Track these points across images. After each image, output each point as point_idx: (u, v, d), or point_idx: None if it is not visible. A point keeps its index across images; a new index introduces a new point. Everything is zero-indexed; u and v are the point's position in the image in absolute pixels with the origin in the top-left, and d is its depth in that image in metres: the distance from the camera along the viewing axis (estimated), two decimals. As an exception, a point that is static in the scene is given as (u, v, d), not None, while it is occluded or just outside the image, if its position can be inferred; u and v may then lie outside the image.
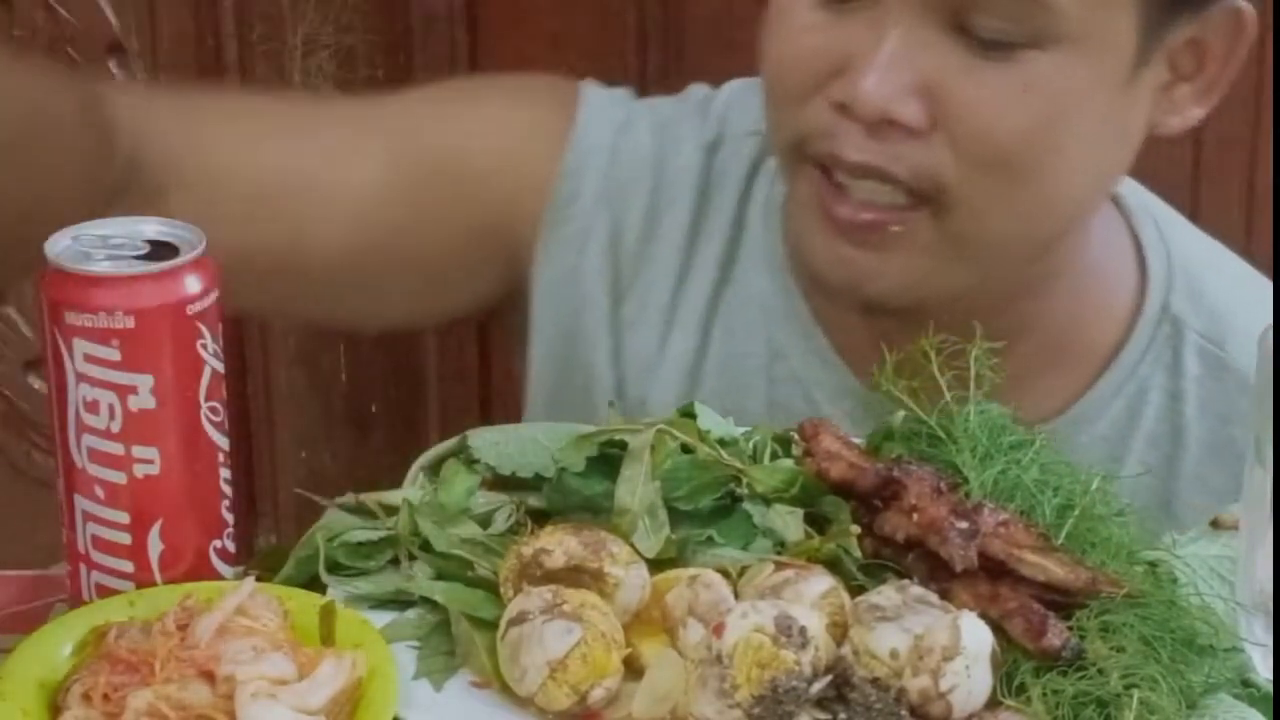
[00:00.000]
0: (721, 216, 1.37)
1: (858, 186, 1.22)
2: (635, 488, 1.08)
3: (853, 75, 1.18)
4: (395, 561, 1.07)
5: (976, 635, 0.96)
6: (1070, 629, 0.98)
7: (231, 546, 1.08)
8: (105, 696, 0.96)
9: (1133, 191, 1.39)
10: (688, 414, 1.14)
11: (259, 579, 1.06)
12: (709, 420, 1.14)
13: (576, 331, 1.39)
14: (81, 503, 1.04)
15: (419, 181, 1.35)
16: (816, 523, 1.09)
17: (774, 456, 1.14)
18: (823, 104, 1.20)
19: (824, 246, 1.24)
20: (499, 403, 1.92)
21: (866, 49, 1.18)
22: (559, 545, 1.03)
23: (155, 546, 1.04)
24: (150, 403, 1.02)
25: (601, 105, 1.40)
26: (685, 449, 1.11)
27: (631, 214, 1.38)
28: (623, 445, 1.10)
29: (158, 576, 1.04)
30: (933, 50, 1.18)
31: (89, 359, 1.02)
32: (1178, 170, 1.86)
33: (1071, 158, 1.23)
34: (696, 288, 1.37)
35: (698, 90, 1.43)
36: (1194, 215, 1.85)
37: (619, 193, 1.38)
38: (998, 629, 0.98)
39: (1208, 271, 1.38)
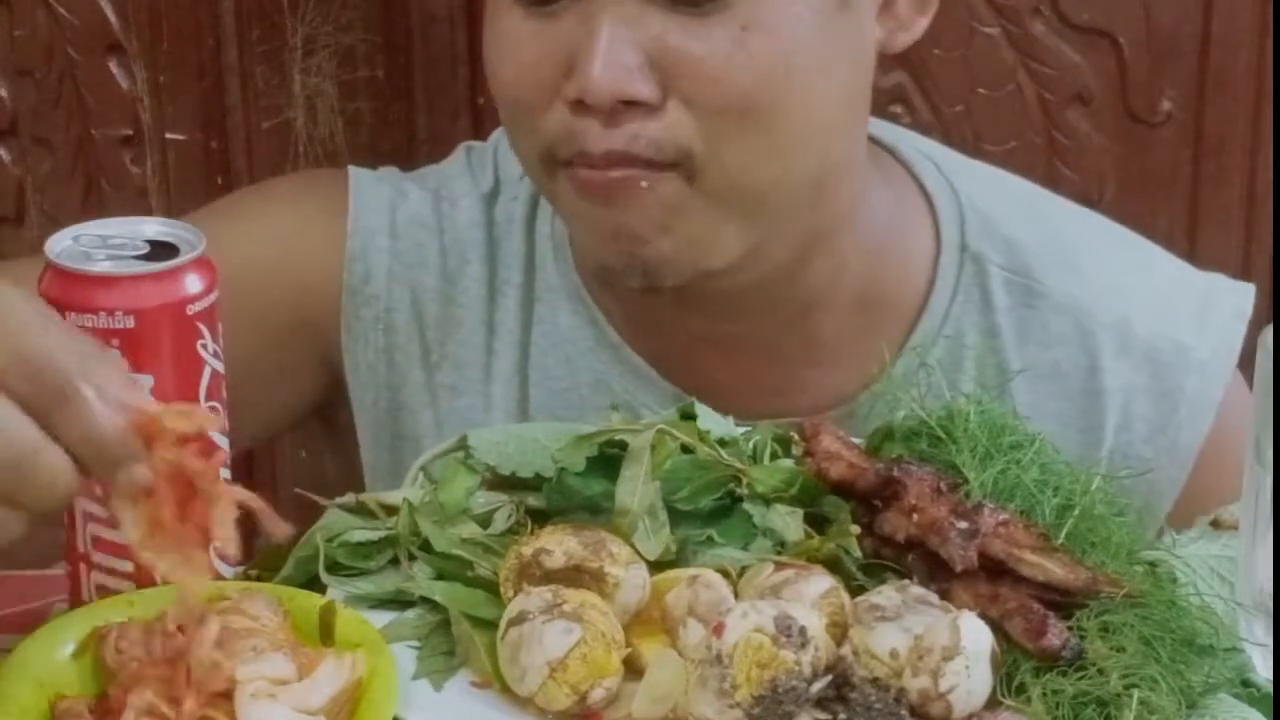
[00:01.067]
0: (514, 262, 1.39)
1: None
2: (635, 488, 1.08)
3: (579, 70, 1.19)
4: (395, 561, 1.07)
5: (976, 635, 0.96)
6: (1070, 629, 0.98)
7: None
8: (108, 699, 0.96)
9: (905, 139, 1.40)
10: (688, 414, 1.14)
11: (259, 579, 1.06)
12: (709, 420, 1.14)
13: (398, 408, 1.40)
14: (81, 503, 1.04)
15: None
16: (816, 523, 1.09)
17: (774, 456, 1.14)
18: (562, 109, 1.21)
19: (593, 227, 1.25)
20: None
21: (584, 42, 1.19)
22: (559, 545, 1.03)
23: (155, 546, 1.04)
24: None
25: (371, 186, 1.41)
26: (685, 449, 1.11)
27: (427, 282, 1.39)
28: (623, 445, 1.10)
29: (158, 576, 1.04)
30: (647, 24, 1.18)
31: (89, 359, 1.02)
32: (1178, 170, 1.86)
33: (807, 89, 1.22)
34: (505, 338, 1.38)
35: (465, 146, 1.45)
36: (1194, 215, 1.86)
37: (409, 265, 1.39)
38: (998, 629, 0.98)
39: (994, 202, 1.38)
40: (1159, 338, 1.35)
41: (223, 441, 1.06)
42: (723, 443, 1.12)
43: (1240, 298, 1.37)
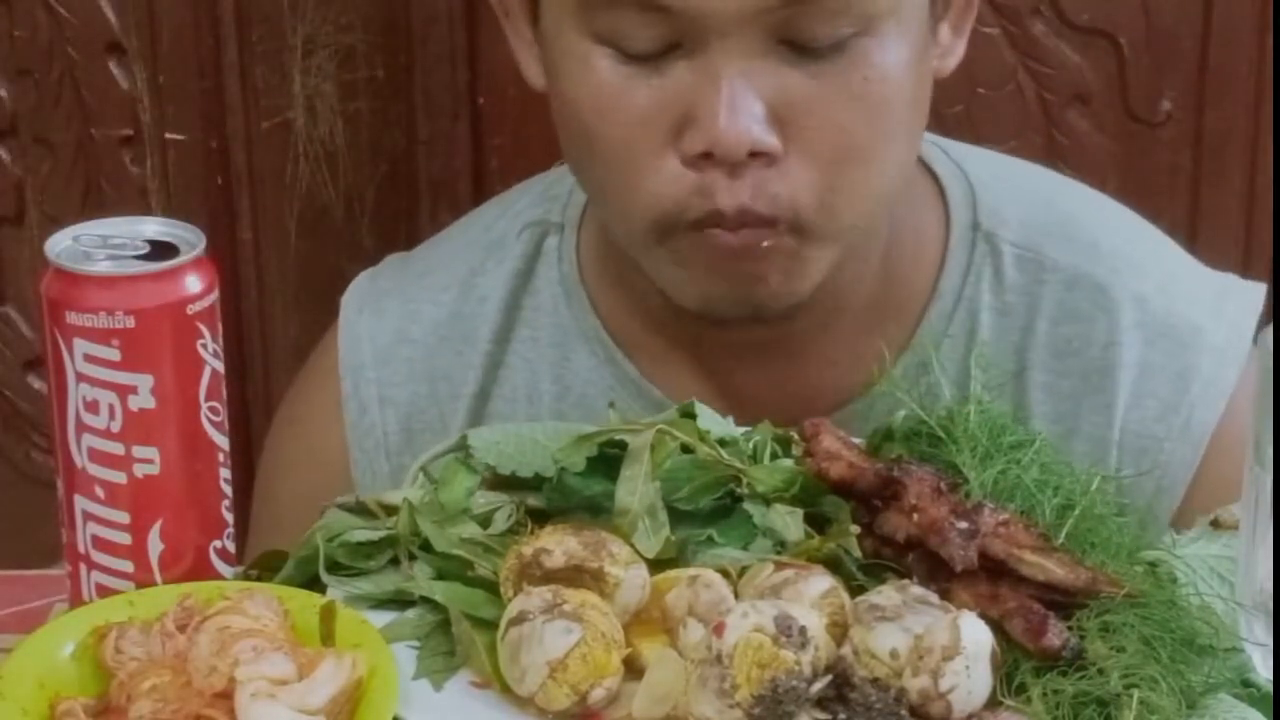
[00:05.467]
0: (526, 319, 1.38)
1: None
2: (635, 488, 1.08)
3: (703, 122, 1.16)
4: (395, 561, 1.07)
5: (976, 635, 0.96)
6: (1070, 629, 0.98)
7: (231, 546, 1.08)
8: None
9: None
10: (688, 414, 1.14)
11: (259, 579, 1.06)
12: (709, 420, 1.14)
13: None
14: (81, 503, 1.04)
15: None
16: (816, 523, 1.09)
17: (774, 456, 1.14)
18: (675, 164, 1.18)
19: (708, 277, 1.23)
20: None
21: (705, 93, 1.16)
22: (559, 545, 1.03)
23: (155, 546, 1.04)
24: (150, 403, 1.02)
25: (353, 321, 1.40)
26: (685, 449, 1.11)
27: (420, 391, 1.38)
28: (623, 445, 1.10)
29: (158, 576, 1.05)
30: (767, 73, 1.17)
31: (89, 359, 1.02)
32: (1178, 170, 1.86)
33: (904, 128, 1.23)
34: (505, 397, 1.37)
35: (479, 226, 1.44)
36: (1194, 215, 1.86)
37: (395, 384, 1.38)
38: (998, 629, 0.98)
39: (1005, 183, 1.37)
40: (1174, 316, 1.33)
41: (223, 442, 1.06)
42: (723, 443, 1.12)
43: (1254, 294, 1.36)
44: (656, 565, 1.05)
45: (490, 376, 1.38)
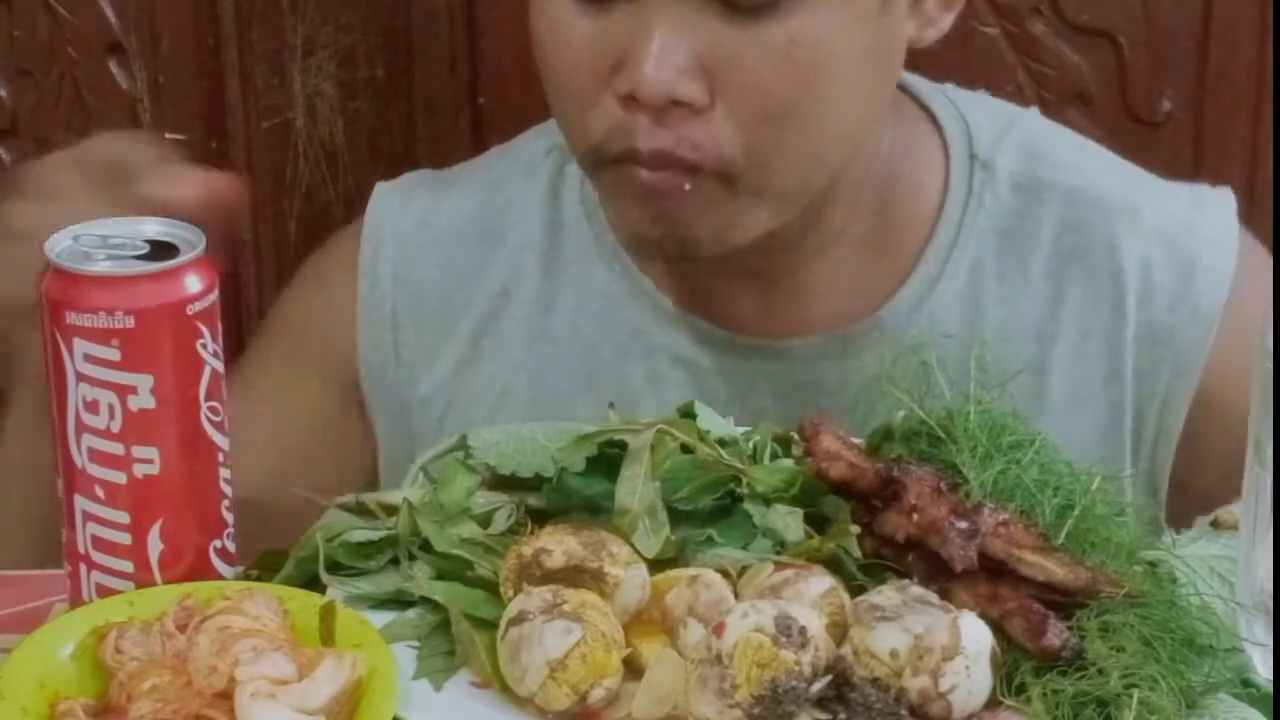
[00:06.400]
0: (535, 230, 1.43)
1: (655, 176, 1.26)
2: (635, 488, 1.08)
3: (632, 66, 1.22)
4: (395, 561, 1.07)
5: (976, 635, 0.96)
6: (1070, 629, 0.98)
7: (231, 546, 1.08)
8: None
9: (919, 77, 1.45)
10: (688, 414, 1.14)
11: (259, 579, 1.06)
12: (709, 420, 1.14)
13: (411, 403, 1.44)
14: (81, 503, 1.04)
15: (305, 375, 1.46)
16: (816, 523, 1.09)
17: (774, 456, 1.14)
18: (611, 101, 1.24)
19: (634, 212, 1.29)
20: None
21: (638, 39, 1.22)
22: (559, 545, 1.03)
23: (155, 546, 1.04)
24: (150, 403, 1.02)
25: (385, 197, 1.46)
26: (685, 449, 1.11)
27: (431, 275, 1.43)
28: (623, 445, 1.10)
29: (158, 576, 1.04)
30: (700, 29, 1.21)
31: (89, 359, 1.02)
32: (1178, 171, 1.86)
33: (847, 92, 1.27)
34: (524, 302, 1.42)
35: (517, 147, 1.49)
36: (1194, 215, 1.85)
37: (412, 263, 1.44)
38: (998, 629, 0.98)
39: (999, 121, 1.43)
40: (1166, 219, 1.40)
41: (223, 442, 1.06)
42: (723, 443, 1.12)
43: (1225, 194, 1.43)
44: (656, 565, 1.05)
45: (515, 282, 1.42)
